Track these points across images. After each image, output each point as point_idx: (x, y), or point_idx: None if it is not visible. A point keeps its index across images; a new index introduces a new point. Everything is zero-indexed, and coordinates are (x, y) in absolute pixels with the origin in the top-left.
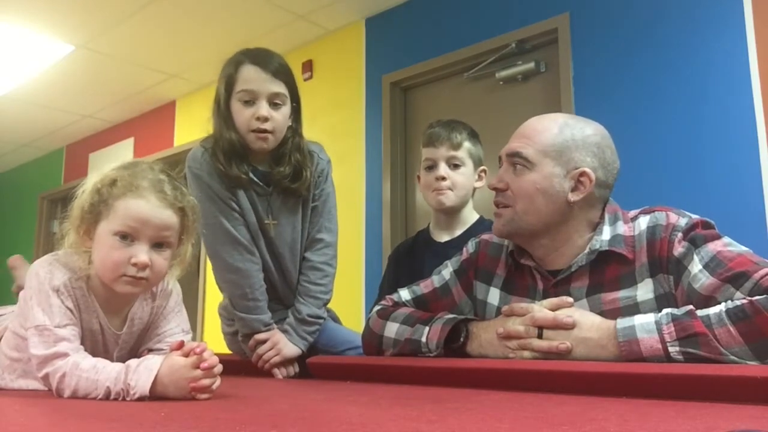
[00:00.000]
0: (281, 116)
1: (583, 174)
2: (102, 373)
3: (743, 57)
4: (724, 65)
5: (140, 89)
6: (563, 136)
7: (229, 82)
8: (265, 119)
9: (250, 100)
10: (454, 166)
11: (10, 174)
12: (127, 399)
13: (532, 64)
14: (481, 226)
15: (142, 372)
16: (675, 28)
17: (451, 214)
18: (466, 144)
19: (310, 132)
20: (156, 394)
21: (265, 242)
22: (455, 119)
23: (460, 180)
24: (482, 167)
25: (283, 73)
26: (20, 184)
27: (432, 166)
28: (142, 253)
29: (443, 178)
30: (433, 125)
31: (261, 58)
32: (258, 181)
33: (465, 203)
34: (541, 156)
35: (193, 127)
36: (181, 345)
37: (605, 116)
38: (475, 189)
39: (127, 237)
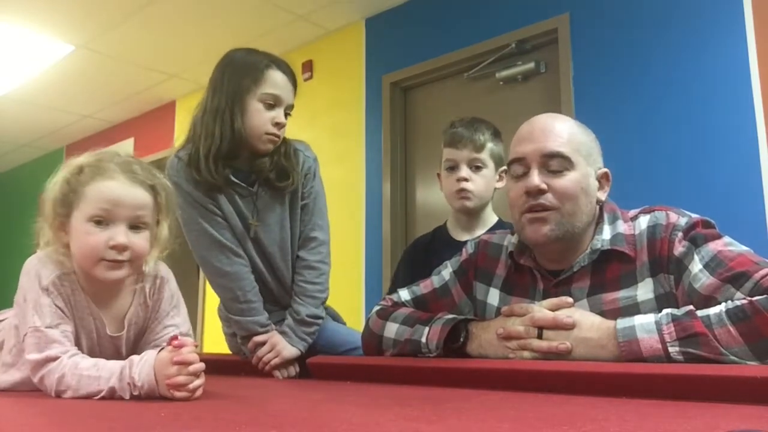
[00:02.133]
0: (285, 125)
1: (605, 175)
2: (104, 370)
3: (743, 57)
4: (725, 65)
5: (140, 89)
6: (583, 136)
7: (255, 80)
8: (283, 126)
9: (273, 105)
10: (476, 167)
11: (10, 174)
12: (135, 393)
13: (532, 65)
14: (502, 228)
15: (144, 366)
16: (675, 28)
17: (472, 214)
18: (489, 145)
19: (310, 132)
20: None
21: (253, 244)
22: (477, 118)
23: (481, 182)
24: (503, 167)
25: (296, 86)
26: (20, 184)
27: (453, 167)
28: (119, 234)
29: (465, 180)
30: (455, 125)
31: (285, 67)
32: (240, 182)
33: (486, 204)
34: (578, 155)
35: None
36: (173, 339)
37: (605, 116)
38: (495, 190)
39: (102, 221)
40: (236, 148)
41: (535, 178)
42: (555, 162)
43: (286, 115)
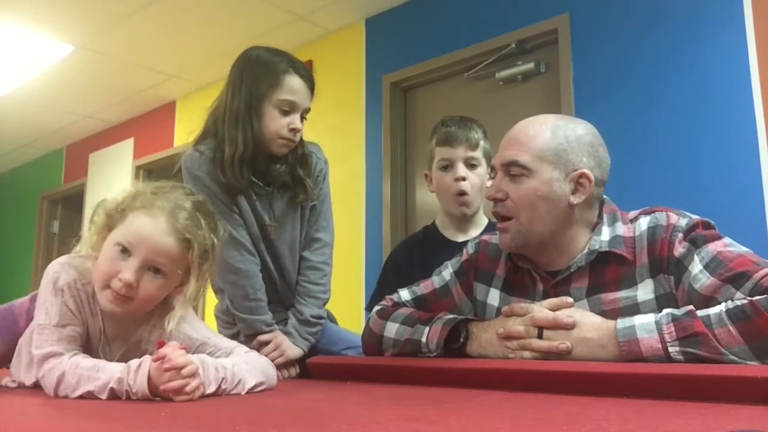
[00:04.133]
0: (302, 129)
1: (582, 175)
2: (103, 372)
3: (743, 56)
4: (724, 65)
5: (140, 89)
6: (557, 139)
7: (272, 86)
8: (298, 131)
9: (289, 111)
10: (471, 166)
11: (10, 174)
12: (132, 398)
13: (532, 65)
14: (493, 229)
15: (139, 374)
16: (675, 28)
17: (466, 216)
18: (482, 143)
19: (310, 132)
20: (155, 394)
21: (266, 244)
22: (467, 116)
23: (477, 181)
24: None
25: (314, 89)
26: (20, 184)
27: (448, 166)
28: (128, 270)
29: (463, 179)
30: (447, 123)
31: (304, 70)
32: (258, 181)
33: (480, 204)
34: (538, 161)
35: (193, 128)
36: (161, 345)
37: (605, 116)
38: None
39: (126, 251)
40: (256, 152)
41: (491, 188)
42: (514, 170)
43: (303, 118)
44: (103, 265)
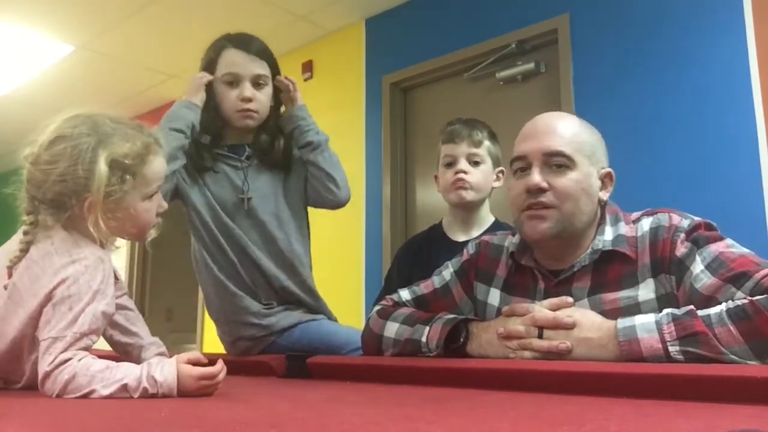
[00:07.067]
0: (264, 96)
1: (608, 174)
2: (118, 371)
3: (743, 56)
4: (725, 65)
5: (140, 89)
6: (587, 135)
7: (210, 66)
8: (250, 100)
9: (234, 82)
10: (475, 162)
11: (10, 174)
12: (152, 392)
13: (532, 65)
14: (498, 228)
15: (166, 366)
16: (675, 28)
17: (469, 211)
18: (486, 143)
19: None
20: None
21: (246, 215)
22: (474, 118)
23: (480, 176)
24: (500, 167)
25: (264, 52)
26: (20, 185)
27: (451, 163)
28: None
29: (464, 172)
30: (452, 123)
31: (243, 41)
32: (233, 154)
33: (483, 201)
34: (579, 154)
35: None
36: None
37: (605, 116)
38: (492, 189)
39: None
40: (223, 130)
41: (536, 177)
42: (556, 161)
43: (260, 85)
44: (147, 218)
